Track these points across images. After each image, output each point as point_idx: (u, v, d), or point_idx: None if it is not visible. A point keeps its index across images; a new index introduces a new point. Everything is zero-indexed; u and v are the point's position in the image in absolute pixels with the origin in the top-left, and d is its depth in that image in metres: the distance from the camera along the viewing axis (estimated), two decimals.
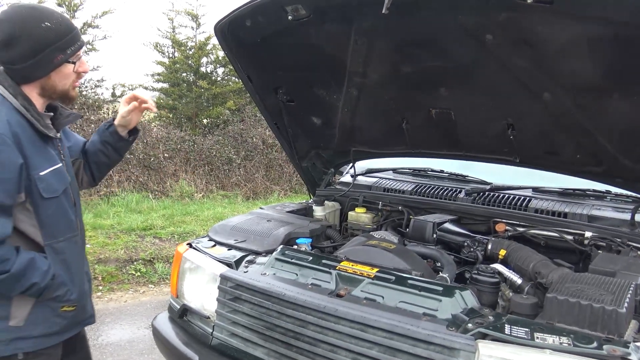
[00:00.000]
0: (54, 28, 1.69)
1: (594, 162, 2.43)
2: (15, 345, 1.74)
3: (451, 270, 2.19)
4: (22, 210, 1.70)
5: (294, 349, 1.91)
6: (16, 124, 1.66)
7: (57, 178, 1.77)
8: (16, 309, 1.74)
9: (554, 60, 2.04)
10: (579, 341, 1.55)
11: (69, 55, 1.75)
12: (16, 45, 1.66)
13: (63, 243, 1.81)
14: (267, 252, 2.32)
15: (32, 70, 1.71)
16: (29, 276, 1.67)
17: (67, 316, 1.86)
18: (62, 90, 1.79)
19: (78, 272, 1.89)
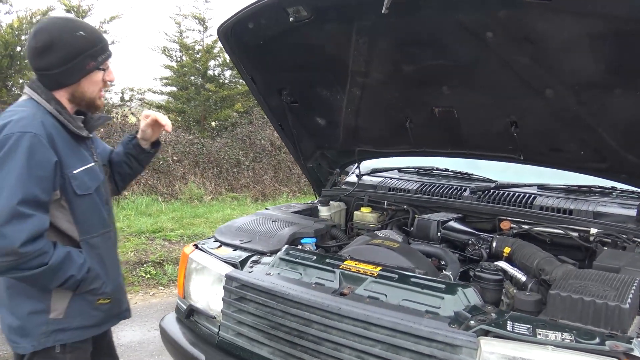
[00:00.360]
0: (87, 37, 1.82)
1: (598, 158, 2.42)
2: (55, 336, 1.84)
3: (455, 268, 2.20)
4: (58, 207, 1.80)
5: (299, 347, 1.92)
6: (50, 126, 1.78)
7: (90, 176, 1.88)
8: (55, 302, 1.84)
9: (555, 56, 2.04)
10: (581, 337, 1.54)
11: (99, 62, 1.86)
12: (52, 52, 1.77)
13: (97, 238, 1.91)
14: (272, 252, 2.34)
15: (66, 76, 1.82)
16: (66, 269, 1.77)
17: (103, 309, 1.96)
18: (89, 97, 1.89)
19: (112, 266, 1.99)
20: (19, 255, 1.65)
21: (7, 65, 8.97)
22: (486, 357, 1.59)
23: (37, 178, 1.70)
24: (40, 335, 1.83)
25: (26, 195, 1.67)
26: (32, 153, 1.70)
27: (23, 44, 9.29)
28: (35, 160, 1.70)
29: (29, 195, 1.67)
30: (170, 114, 11.85)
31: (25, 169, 1.68)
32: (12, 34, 8.97)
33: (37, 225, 1.69)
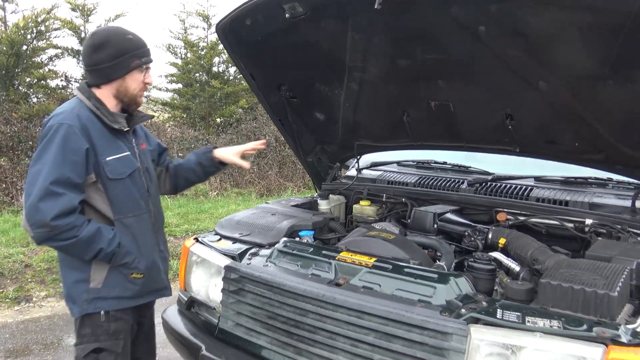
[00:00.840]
0: (134, 40, 2.12)
1: (593, 149, 2.45)
2: (96, 304, 2.08)
3: (449, 258, 2.23)
4: (95, 190, 2.06)
5: (295, 336, 1.97)
6: (86, 119, 2.04)
7: (122, 164, 2.11)
8: (94, 273, 2.08)
9: (547, 49, 2.06)
10: (569, 324, 1.57)
11: (142, 63, 2.13)
12: (104, 49, 2.06)
13: (131, 219, 2.13)
14: (270, 245, 2.38)
15: (113, 71, 2.08)
16: (97, 242, 2.00)
17: (137, 283, 2.15)
18: (132, 93, 2.15)
19: (145, 245, 2.18)
20: (51, 227, 1.90)
21: (14, 64, 9.05)
22: (476, 343, 1.63)
23: (71, 162, 1.96)
24: (83, 302, 2.07)
25: (59, 177, 1.92)
26: (67, 141, 1.96)
27: (29, 43, 9.38)
28: (69, 147, 1.96)
29: (61, 177, 1.93)
30: (175, 111, 11.93)
31: (60, 154, 1.95)
32: (18, 33, 9.05)
33: (67, 203, 1.93)
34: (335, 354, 1.86)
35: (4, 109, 8.74)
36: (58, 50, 9.99)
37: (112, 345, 2.11)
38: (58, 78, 10.02)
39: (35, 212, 1.90)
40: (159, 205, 2.36)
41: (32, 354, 3.87)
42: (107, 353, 2.10)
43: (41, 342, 4.07)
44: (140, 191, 2.17)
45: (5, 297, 4.85)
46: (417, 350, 1.69)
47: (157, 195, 2.35)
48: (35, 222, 1.90)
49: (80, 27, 10.09)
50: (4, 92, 9.16)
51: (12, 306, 4.77)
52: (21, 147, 8.40)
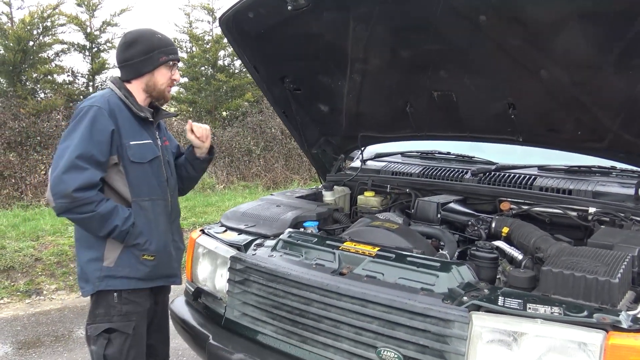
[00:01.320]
0: (163, 39, 2.29)
1: (595, 137, 2.45)
2: (107, 282, 2.18)
3: (452, 247, 2.25)
4: (117, 172, 2.18)
5: (300, 325, 2.00)
6: (115, 104, 2.19)
7: (144, 149, 2.24)
8: (108, 252, 2.18)
9: (547, 38, 2.07)
10: (570, 311, 1.59)
11: (170, 59, 2.28)
12: (135, 46, 2.23)
13: (147, 202, 2.24)
14: (275, 236, 2.41)
15: (143, 65, 2.24)
16: (113, 219, 2.11)
17: (148, 264, 2.24)
18: (160, 88, 2.30)
19: (158, 229, 2.27)
20: (72, 198, 2.02)
21: (21, 59, 9.11)
22: (478, 330, 1.65)
23: (97, 141, 2.09)
24: (95, 280, 2.17)
25: (84, 152, 2.06)
26: (95, 121, 2.11)
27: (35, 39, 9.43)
28: (96, 127, 2.10)
29: (87, 153, 2.06)
30: (181, 105, 11.96)
31: (87, 132, 2.08)
32: (24, 29, 9.10)
33: (89, 177, 2.06)
34: (339, 341, 1.89)
35: (12, 104, 8.81)
36: (64, 45, 10.04)
37: (124, 326, 2.19)
38: (64, 73, 10.08)
39: (59, 182, 2.02)
40: (177, 198, 2.46)
41: (44, 346, 3.93)
42: (118, 334, 2.18)
43: (52, 334, 4.13)
44: (159, 179, 2.29)
45: (17, 290, 4.92)
46: (419, 338, 1.72)
47: (176, 188, 2.46)
48: (57, 192, 2.02)
49: (86, 22, 10.13)
50: (12, 88, 9.23)
51: (23, 299, 4.85)
52: (29, 142, 8.47)
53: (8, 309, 4.66)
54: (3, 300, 4.78)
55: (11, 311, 4.61)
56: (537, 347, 1.59)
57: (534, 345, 1.59)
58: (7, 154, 8.42)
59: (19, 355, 3.79)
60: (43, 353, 3.82)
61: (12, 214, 6.91)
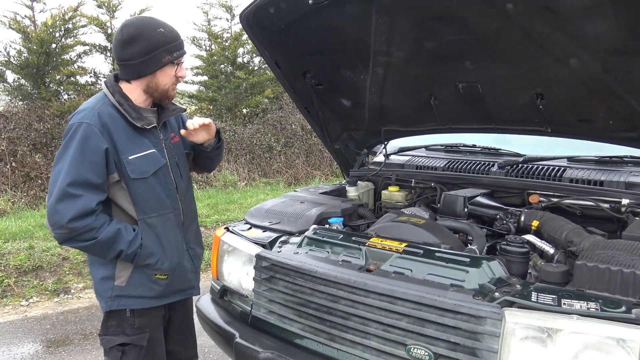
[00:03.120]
0: (166, 34, 2.03)
1: (628, 126, 2.37)
2: (119, 301, 2.09)
3: (481, 242, 2.20)
4: (119, 188, 2.03)
5: (327, 323, 1.98)
6: (107, 116, 1.99)
7: (146, 162, 2.05)
8: (119, 271, 2.08)
9: (577, 24, 2.00)
10: (607, 306, 1.54)
11: (174, 57, 2.06)
12: (135, 44, 1.99)
13: (155, 219, 2.09)
14: (300, 232, 2.39)
15: (144, 66, 2.02)
16: (117, 244, 1.98)
17: (161, 283, 2.14)
18: (163, 89, 2.09)
19: (170, 246, 2.14)
20: (68, 229, 1.90)
21: (44, 62, 9.25)
22: (511, 327, 1.60)
23: (90, 162, 1.93)
24: (108, 298, 2.09)
25: (77, 178, 1.90)
26: (86, 140, 1.93)
27: (57, 41, 9.56)
28: (88, 147, 1.93)
29: (79, 178, 1.91)
30: (202, 103, 12.02)
31: (78, 155, 1.92)
32: (47, 32, 9.23)
33: (84, 205, 1.91)
34: (367, 339, 1.86)
35: (37, 106, 8.96)
36: (86, 47, 10.15)
37: (137, 339, 2.12)
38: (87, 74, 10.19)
39: (54, 213, 1.90)
40: (191, 200, 2.32)
41: (73, 344, 3.99)
42: (132, 347, 2.11)
43: (80, 332, 4.19)
44: (166, 189, 2.13)
45: (45, 289, 5.01)
46: (450, 335, 1.68)
47: (189, 191, 2.31)
48: (54, 223, 1.90)
49: (107, 23, 10.22)
50: (36, 90, 9.38)
51: (51, 298, 4.93)
52: (54, 143, 8.61)
53: (37, 307, 4.74)
54: (32, 299, 4.86)
55: (40, 310, 4.69)
56: (573, 344, 1.54)
57: (570, 342, 1.55)
58: (33, 155, 8.57)
59: (49, 353, 3.85)
60: (72, 351, 3.87)
61: (39, 214, 7.03)
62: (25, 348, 3.93)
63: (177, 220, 2.19)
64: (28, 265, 5.15)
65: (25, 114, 8.84)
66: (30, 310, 4.67)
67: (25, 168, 8.30)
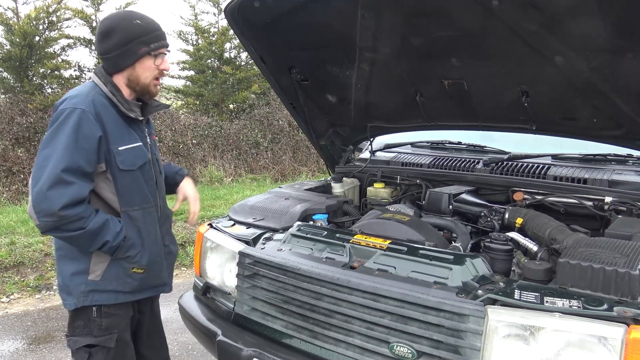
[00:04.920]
0: (142, 25, 2.01)
1: (612, 125, 2.38)
2: (93, 297, 2.03)
3: (465, 239, 2.20)
4: (104, 179, 1.99)
5: (311, 320, 1.96)
6: (100, 105, 1.96)
7: (135, 154, 2.03)
8: (94, 265, 2.02)
9: (563, 22, 2.00)
10: (589, 304, 1.54)
11: (151, 49, 2.01)
12: (111, 37, 1.98)
13: (137, 212, 2.06)
14: (284, 229, 2.37)
15: (121, 59, 1.99)
16: (103, 235, 1.94)
17: (137, 278, 2.09)
18: (143, 82, 2.05)
19: (149, 240, 2.11)
20: (59, 217, 1.83)
21: (27, 55, 9.11)
22: (493, 325, 1.60)
23: (83, 150, 1.88)
24: (80, 294, 2.02)
25: (70, 164, 1.85)
26: (80, 127, 1.88)
27: (41, 34, 9.42)
28: (82, 133, 1.88)
29: (73, 164, 1.86)
30: (188, 98, 11.94)
31: (72, 141, 1.86)
32: (30, 24, 9.09)
33: (77, 192, 1.86)
34: (350, 336, 1.85)
35: (19, 100, 8.83)
36: (70, 40, 10.03)
37: (105, 340, 2.05)
38: (71, 68, 10.08)
39: (43, 199, 1.82)
40: (165, 198, 2.29)
41: (55, 341, 3.94)
42: (99, 348, 2.05)
43: (62, 329, 4.13)
44: (149, 184, 2.11)
45: (27, 285, 4.93)
46: (433, 333, 1.68)
47: (163, 188, 2.28)
48: (41, 210, 1.83)
49: (92, 16, 10.10)
50: (19, 84, 9.25)
51: (33, 294, 4.86)
52: (37, 137, 8.49)
53: (19, 304, 4.67)
54: (13, 295, 4.79)
55: (22, 306, 4.62)
56: (555, 341, 1.55)
57: (552, 339, 1.55)
58: (15, 149, 8.45)
59: (30, 350, 3.79)
60: (54, 348, 3.82)
61: (21, 209, 6.92)
62: (6, 345, 3.87)
63: (156, 216, 2.16)
64: (9, 261, 5.07)
65: (7, 107, 8.71)
66: (11, 307, 4.60)
67: (7, 163, 8.18)
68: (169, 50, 2.11)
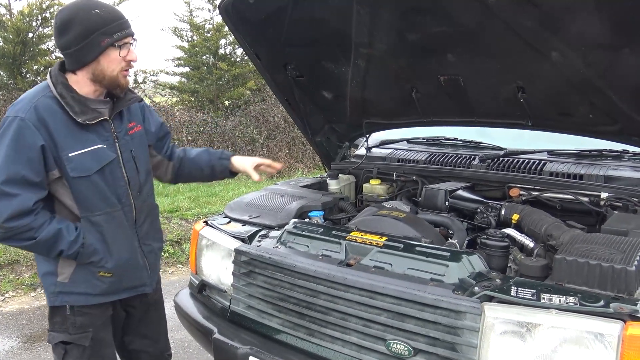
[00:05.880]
0: (102, 15, 1.85)
1: (608, 121, 2.38)
2: (62, 298, 2.00)
3: (461, 236, 2.20)
4: (61, 185, 1.90)
5: (307, 318, 1.95)
6: (45, 110, 1.83)
7: (89, 159, 1.91)
8: (62, 267, 1.98)
9: (560, 18, 1.99)
10: (585, 300, 1.54)
11: (114, 39, 1.87)
12: (70, 31, 1.83)
13: (99, 217, 1.97)
14: (279, 226, 2.36)
15: (83, 54, 1.85)
16: (57, 244, 1.88)
17: (105, 281, 2.03)
18: (110, 76, 1.92)
19: (116, 244, 2.02)
20: (5, 229, 1.80)
21: (20, 52, 9.05)
22: (490, 322, 1.60)
23: (26, 159, 1.79)
24: (51, 294, 2.01)
25: (12, 175, 1.78)
26: (20, 135, 1.79)
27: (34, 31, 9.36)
28: (22, 143, 1.79)
29: (15, 175, 1.78)
30: (183, 95, 11.90)
31: (12, 151, 1.79)
32: (23, 21, 9.03)
33: (20, 204, 1.79)
34: (347, 334, 1.84)
35: (13, 97, 8.77)
36: None
37: (79, 338, 2.02)
38: None
39: None
40: (149, 195, 2.18)
41: None
42: (73, 346, 2.02)
43: None
44: (113, 186, 1.99)
45: (21, 283, 4.91)
46: (430, 330, 1.67)
47: (147, 185, 2.16)
48: None
49: None
50: (12, 81, 9.19)
51: (28, 292, 4.84)
52: None
53: (13, 302, 4.65)
54: (8, 293, 4.77)
55: (16, 305, 4.60)
56: (551, 338, 1.54)
57: (549, 336, 1.54)
58: None
59: (25, 349, 3.78)
60: (48, 347, 3.78)
61: None
62: (1, 344, 3.85)
63: (128, 218, 2.06)
64: (3, 259, 5.04)
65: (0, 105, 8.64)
66: (5, 305, 4.58)
67: None
68: (135, 39, 1.96)
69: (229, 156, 2.42)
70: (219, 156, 2.41)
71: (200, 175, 2.43)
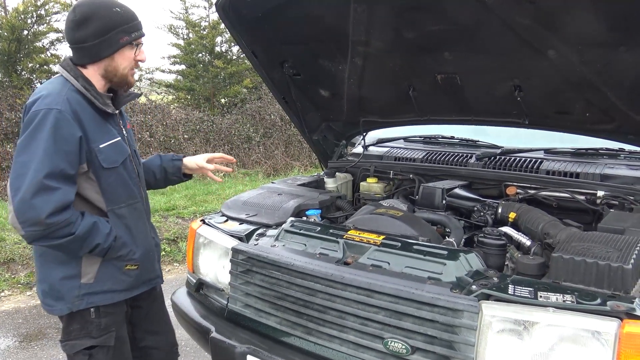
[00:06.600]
0: (122, 13, 1.91)
1: (604, 119, 2.39)
2: (88, 299, 1.96)
3: (458, 234, 2.20)
4: (86, 179, 1.91)
5: (305, 316, 1.95)
6: (75, 102, 1.86)
7: (116, 150, 1.96)
8: (86, 267, 1.95)
9: (556, 16, 1.99)
10: (582, 298, 1.54)
11: (132, 38, 1.93)
12: (89, 25, 1.85)
13: (124, 209, 2.01)
14: (277, 225, 2.35)
15: (100, 49, 1.89)
16: (93, 238, 1.87)
17: (131, 274, 2.06)
18: (122, 73, 1.96)
19: (140, 235, 2.08)
20: (46, 225, 1.75)
21: (15, 49, 9.00)
22: (488, 320, 1.60)
23: (64, 152, 1.79)
24: (74, 299, 1.94)
25: (53, 169, 1.76)
26: (58, 128, 1.78)
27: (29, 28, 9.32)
28: (61, 135, 1.79)
29: (55, 169, 1.77)
30: (179, 92, 11.86)
31: (51, 144, 1.77)
32: (18, 18, 8.98)
33: (63, 198, 1.78)
34: (345, 332, 1.84)
35: (8, 95, 8.73)
36: (59, 34, 9.91)
37: (105, 339, 2.01)
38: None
39: (28, 208, 1.73)
40: (146, 190, 2.25)
41: (46, 338, 3.91)
42: (99, 349, 2.00)
43: (54, 326, 4.10)
44: (132, 178, 2.05)
45: (17, 282, 4.90)
46: (427, 328, 1.67)
47: (143, 179, 2.23)
48: (27, 219, 1.74)
49: None
50: (7, 79, 9.14)
51: (24, 291, 4.82)
52: None
53: (9, 301, 4.64)
54: (4, 292, 4.75)
55: (12, 303, 4.58)
56: (548, 336, 1.55)
57: (546, 334, 1.55)
58: (4, 145, 8.36)
59: (22, 348, 3.77)
60: (45, 346, 3.79)
61: None
62: None
63: (144, 209, 2.13)
64: None
65: None
66: (1, 304, 4.56)
67: None
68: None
69: (180, 157, 2.42)
70: (170, 158, 2.41)
71: (154, 180, 2.39)
